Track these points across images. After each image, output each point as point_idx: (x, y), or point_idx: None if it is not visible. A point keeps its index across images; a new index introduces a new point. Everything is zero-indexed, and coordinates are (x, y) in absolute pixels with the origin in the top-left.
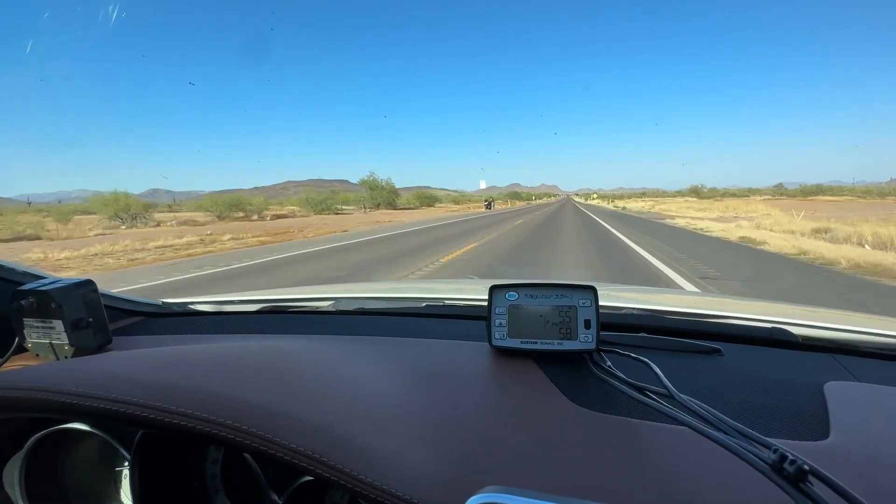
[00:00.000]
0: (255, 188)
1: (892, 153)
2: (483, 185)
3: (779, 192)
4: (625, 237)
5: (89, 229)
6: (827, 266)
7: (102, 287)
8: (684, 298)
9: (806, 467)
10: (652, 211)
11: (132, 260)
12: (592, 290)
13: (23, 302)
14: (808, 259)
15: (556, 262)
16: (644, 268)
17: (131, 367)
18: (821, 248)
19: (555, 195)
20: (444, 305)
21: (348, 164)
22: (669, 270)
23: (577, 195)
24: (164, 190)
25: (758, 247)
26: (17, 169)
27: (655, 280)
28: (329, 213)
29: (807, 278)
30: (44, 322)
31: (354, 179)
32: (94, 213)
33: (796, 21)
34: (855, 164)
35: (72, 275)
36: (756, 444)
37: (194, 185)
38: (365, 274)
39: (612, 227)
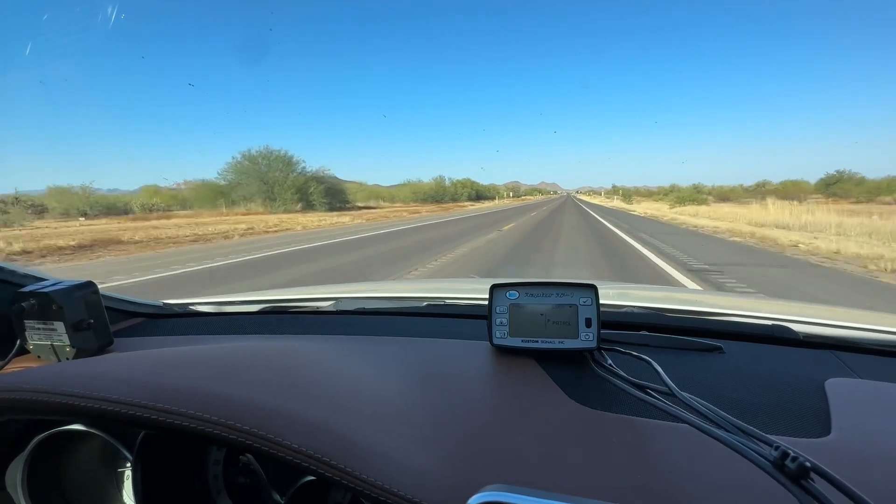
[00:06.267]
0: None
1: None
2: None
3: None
4: None
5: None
6: None
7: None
8: (685, 296)
9: (807, 464)
10: None
11: None
12: (593, 288)
13: (24, 304)
14: None
15: None
16: None
17: (132, 369)
18: None
19: (552, 192)
20: (444, 304)
21: (343, 161)
22: None
23: (578, 192)
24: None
25: None
26: (11, 166)
27: None
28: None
29: None
30: (45, 324)
31: (344, 176)
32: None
33: (798, 16)
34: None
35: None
36: (757, 442)
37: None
38: None
39: None
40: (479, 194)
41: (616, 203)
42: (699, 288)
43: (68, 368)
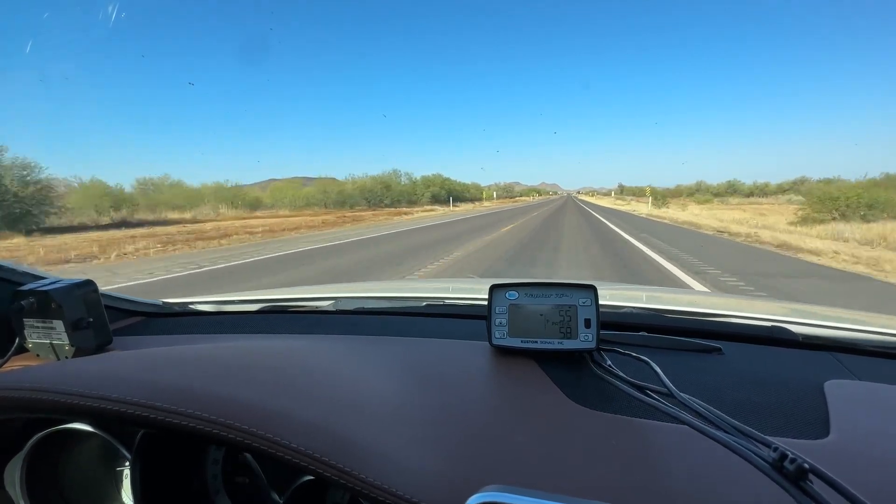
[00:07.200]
0: (236, 185)
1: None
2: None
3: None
4: None
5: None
6: None
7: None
8: (684, 297)
9: (806, 465)
10: None
11: None
12: (592, 289)
13: (23, 302)
14: None
15: None
16: None
17: (131, 367)
18: None
19: (552, 192)
20: (444, 305)
21: (340, 161)
22: None
23: (579, 193)
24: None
25: None
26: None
27: None
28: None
29: None
30: (44, 322)
31: (341, 177)
32: None
33: (800, 15)
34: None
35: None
36: (756, 443)
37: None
38: None
39: None
40: (455, 195)
41: (650, 210)
42: (699, 289)
43: (67, 367)
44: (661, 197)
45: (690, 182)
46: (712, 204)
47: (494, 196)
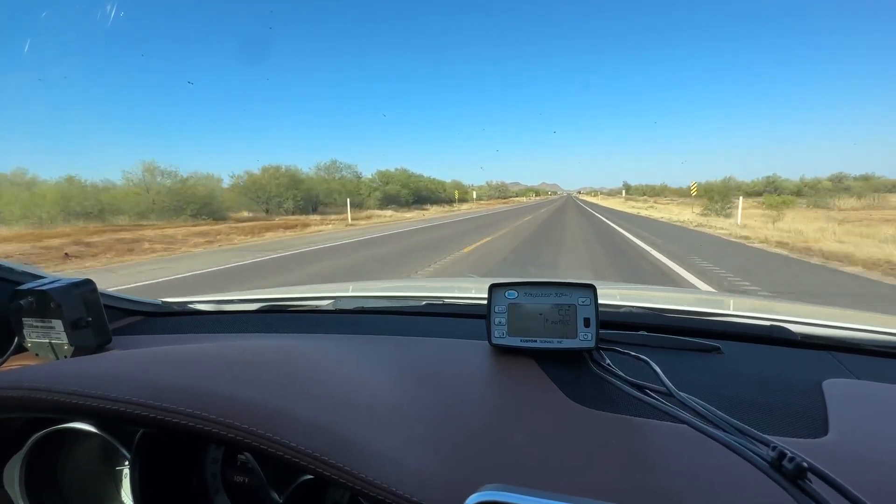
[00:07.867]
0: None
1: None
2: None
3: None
4: None
5: None
6: None
7: None
8: (684, 297)
9: (805, 465)
10: None
11: None
12: (592, 288)
13: (22, 301)
14: None
15: None
16: None
17: (131, 367)
18: None
19: (551, 192)
20: (443, 304)
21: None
22: None
23: (579, 193)
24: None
25: None
26: (9, 162)
27: None
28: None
29: None
30: (43, 321)
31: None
32: None
33: (801, 15)
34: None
35: None
36: (755, 442)
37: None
38: None
39: None
40: (426, 194)
41: (758, 229)
42: (699, 288)
43: (66, 366)
44: (721, 194)
45: (694, 180)
46: (799, 209)
47: (475, 196)
